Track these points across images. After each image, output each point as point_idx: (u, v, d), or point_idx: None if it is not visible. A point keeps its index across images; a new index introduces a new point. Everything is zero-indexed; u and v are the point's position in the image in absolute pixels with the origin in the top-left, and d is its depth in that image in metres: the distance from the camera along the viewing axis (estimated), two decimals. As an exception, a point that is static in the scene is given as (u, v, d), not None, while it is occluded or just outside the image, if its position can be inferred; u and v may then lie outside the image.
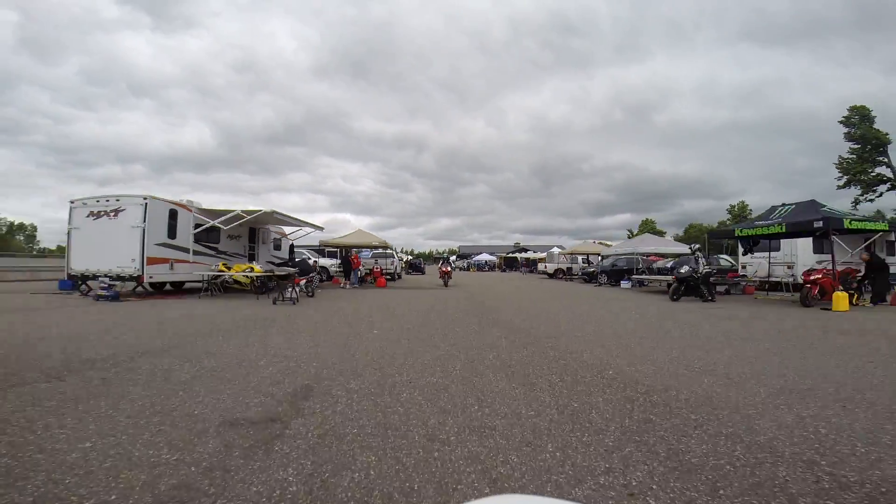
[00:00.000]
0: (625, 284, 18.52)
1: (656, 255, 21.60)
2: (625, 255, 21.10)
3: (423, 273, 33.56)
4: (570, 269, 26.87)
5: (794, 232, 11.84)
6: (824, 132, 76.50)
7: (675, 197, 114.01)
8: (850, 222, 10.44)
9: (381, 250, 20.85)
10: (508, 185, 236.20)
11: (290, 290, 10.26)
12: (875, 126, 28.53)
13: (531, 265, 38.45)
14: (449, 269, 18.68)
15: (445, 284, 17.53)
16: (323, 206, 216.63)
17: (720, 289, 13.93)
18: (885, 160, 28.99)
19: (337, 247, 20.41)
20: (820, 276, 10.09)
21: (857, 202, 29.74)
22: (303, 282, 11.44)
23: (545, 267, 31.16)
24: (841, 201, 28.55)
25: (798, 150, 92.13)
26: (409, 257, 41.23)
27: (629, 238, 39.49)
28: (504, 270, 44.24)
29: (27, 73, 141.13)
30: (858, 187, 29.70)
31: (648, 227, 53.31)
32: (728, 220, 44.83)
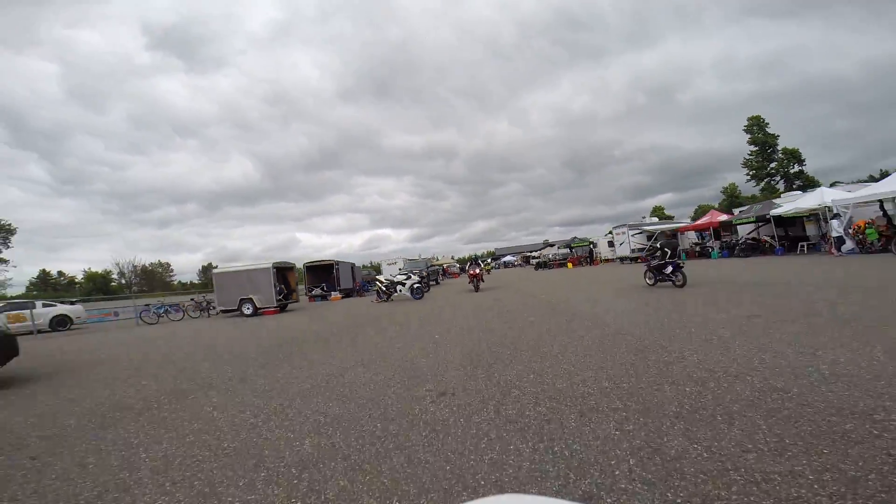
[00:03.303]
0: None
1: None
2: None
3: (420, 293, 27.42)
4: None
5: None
6: (856, 93, 73.45)
7: (715, 171, 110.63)
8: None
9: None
10: (541, 180, 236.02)
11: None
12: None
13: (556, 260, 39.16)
14: (478, 271, 15.88)
15: (476, 289, 15.28)
16: (363, 225, 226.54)
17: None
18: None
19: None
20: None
21: None
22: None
23: (612, 253, 29.69)
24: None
25: (834, 112, 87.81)
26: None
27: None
28: (539, 268, 44.23)
29: (80, 122, 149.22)
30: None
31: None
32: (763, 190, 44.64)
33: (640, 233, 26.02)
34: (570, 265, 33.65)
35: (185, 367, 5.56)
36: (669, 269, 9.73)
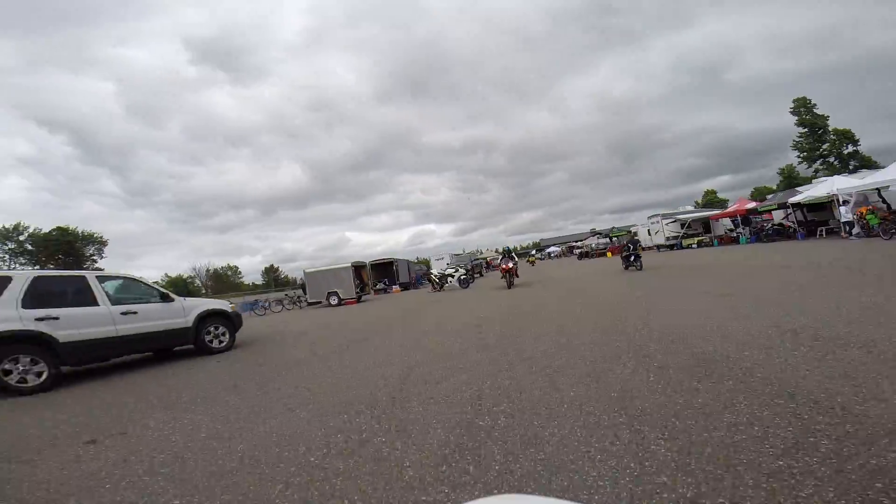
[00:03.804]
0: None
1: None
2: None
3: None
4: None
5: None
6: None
7: (774, 151, 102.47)
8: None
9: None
10: (586, 167, 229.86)
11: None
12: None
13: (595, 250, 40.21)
14: (511, 265, 14.22)
15: (509, 286, 13.89)
16: (408, 221, 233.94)
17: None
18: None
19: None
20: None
21: None
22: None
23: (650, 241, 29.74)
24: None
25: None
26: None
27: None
28: (582, 257, 44.08)
29: (142, 138, 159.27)
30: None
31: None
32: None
33: (674, 221, 27.44)
34: (609, 254, 35.32)
35: (319, 337, 9.24)
36: (632, 258, 14.37)
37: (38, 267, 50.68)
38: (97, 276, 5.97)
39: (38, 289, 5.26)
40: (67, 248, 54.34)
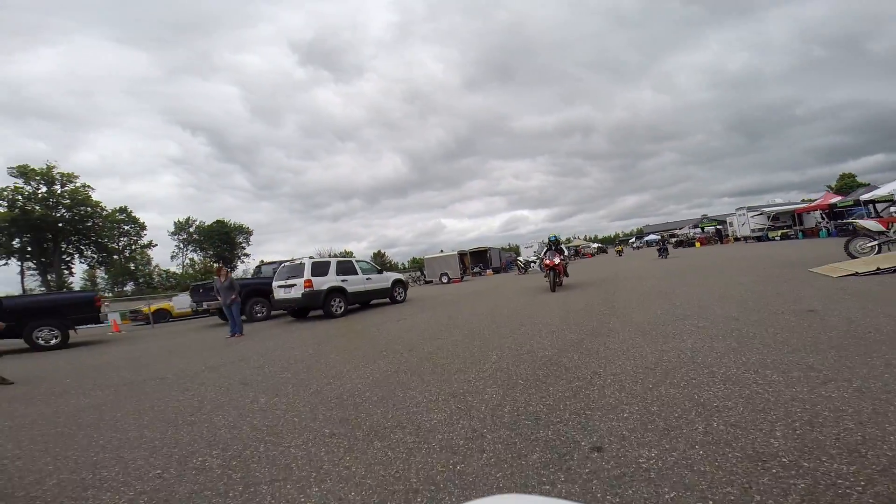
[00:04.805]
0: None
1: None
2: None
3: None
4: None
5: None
6: None
7: None
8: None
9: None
10: (702, 147, 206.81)
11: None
12: None
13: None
14: (557, 261, 11.71)
15: (552, 287, 11.55)
16: (501, 207, 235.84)
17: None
18: None
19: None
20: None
21: None
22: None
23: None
24: None
25: None
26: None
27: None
28: (677, 246, 42.91)
29: (266, 136, 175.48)
30: None
31: None
32: None
33: (759, 214, 28.20)
34: (698, 244, 36.29)
35: (445, 298, 15.47)
36: (662, 250, 20.58)
37: (205, 251, 67.26)
38: (356, 260, 12.89)
39: (339, 266, 12.21)
40: (224, 237, 68.50)
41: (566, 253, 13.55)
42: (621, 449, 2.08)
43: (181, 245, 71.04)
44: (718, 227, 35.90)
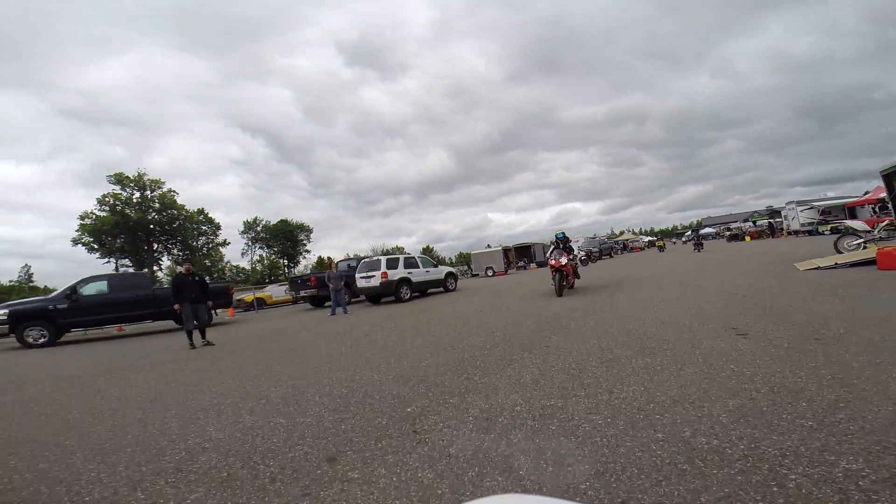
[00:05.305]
0: None
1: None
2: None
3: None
4: None
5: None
6: None
7: None
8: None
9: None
10: (768, 134, 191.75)
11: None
12: None
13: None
14: (564, 261, 10.27)
15: (559, 291, 10.18)
16: (550, 200, 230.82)
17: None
18: None
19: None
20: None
21: None
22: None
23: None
24: None
25: None
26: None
27: None
28: (731, 240, 37.70)
29: (319, 137, 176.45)
30: None
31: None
32: None
33: (809, 208, 27.88)
34: (747, 238, 35.87)
35: (490, 288, 18.08)
36: (698, 245, 22.30)
37: (271, 248, 73.84)
38: (418, 256, 15.94)
39: (406, 262, 15.27)
40: (288, 234, 74.26)
41: (575, 252, 12.56)
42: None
43: (250, 243, 78.36)
44: (772, 221, 35.19)
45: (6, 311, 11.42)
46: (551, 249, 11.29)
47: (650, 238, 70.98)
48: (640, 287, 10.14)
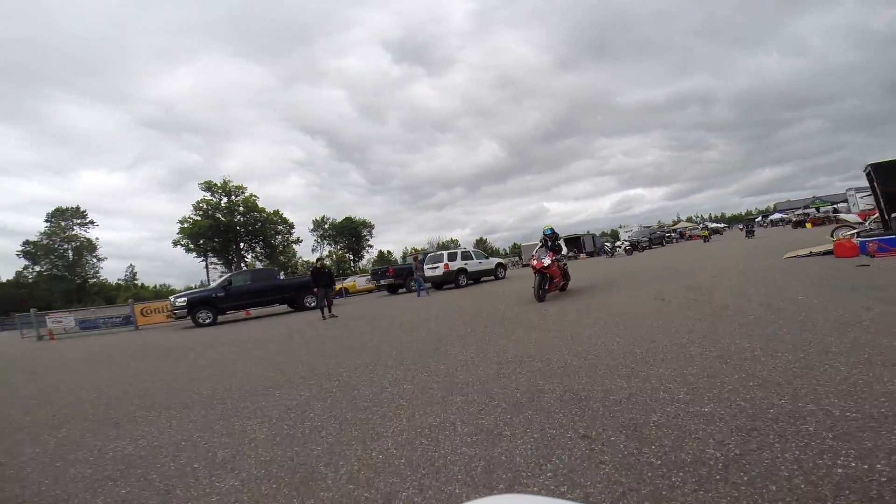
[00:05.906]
0: None
1: None
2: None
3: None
4: None
5: None
6: None
7: None
8: None
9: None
10: (854, 112, 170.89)
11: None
12: None
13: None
14: (547, 262, 9.22)
15: (539, 297, 9.01)
16: (611, 187, 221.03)
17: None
18: None
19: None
20: None
21: None
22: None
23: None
24: None
25: None
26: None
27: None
28: (796, 227, 35.11)
29: (373, 134, 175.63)
30: None
31: None
32: None
33: (868, 195, 27.04)
34: (809, 225, 34.87)
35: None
36: (749, 231, 23.22)
37: (338, 244, 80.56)
38: (472, 250, 19.34)
39: (462, 255, 18.71)
40: (352, 231, 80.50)
41: (564, 251, 10.75)
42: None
43: (319, 240, 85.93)
44: (836, 206, 33.90)
45: (185, 299, 16.12)
46: (537, 247, 10.07)
47: (714, 226, 68.50)
48: (618, 289, 12.64)
